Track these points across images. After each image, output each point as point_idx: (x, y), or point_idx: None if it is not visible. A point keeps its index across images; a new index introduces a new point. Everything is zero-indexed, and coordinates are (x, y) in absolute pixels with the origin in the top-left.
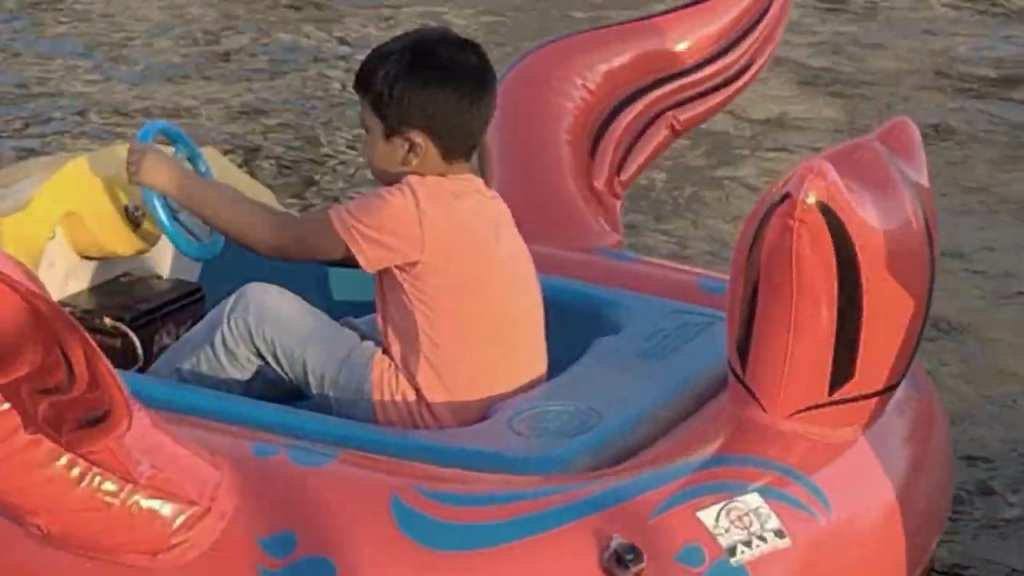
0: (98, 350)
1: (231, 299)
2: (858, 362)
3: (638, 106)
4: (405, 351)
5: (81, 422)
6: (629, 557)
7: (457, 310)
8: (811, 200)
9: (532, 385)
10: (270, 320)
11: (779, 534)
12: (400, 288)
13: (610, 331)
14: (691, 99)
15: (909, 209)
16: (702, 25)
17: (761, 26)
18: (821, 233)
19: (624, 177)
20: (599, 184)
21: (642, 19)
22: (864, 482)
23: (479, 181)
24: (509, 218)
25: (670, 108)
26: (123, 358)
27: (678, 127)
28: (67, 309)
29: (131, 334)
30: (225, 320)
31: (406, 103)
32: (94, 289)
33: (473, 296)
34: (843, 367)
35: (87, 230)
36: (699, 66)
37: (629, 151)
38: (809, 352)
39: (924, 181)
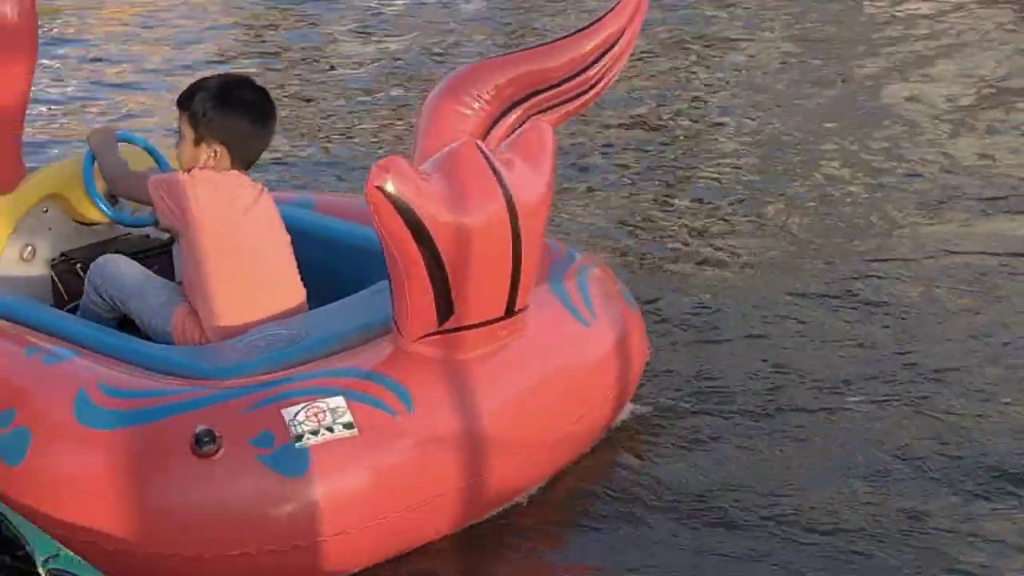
0: None
1: (92, 267)
2: (454, 304)
3: (517, 111)
4: (193, 291)
5: None
6: (206, 439)
7: (218, 258)
8: (378, 187)
9: (292, 311)
10: (112, 283)
11: (348, 426)
12: (184, 244)
13: None
14: (554, 106)
15: (494, 192)
16: (572, 50)
17: (613, 51)
18: (390, 212)
19: None
20: None
21: (529, 48)
22: (464, 392)
23: (244, 177)
24: (265, 200)
25: (538, 112)
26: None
27: None
28: (63, 258)
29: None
30: (89, 283)
31: (214, 123)
32: (90, 246)
33: (228, 247)
34: (444, 307)
35: (71, 206)
36: (563, 81)
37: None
38: (418, 296)
39: (544, 173)
